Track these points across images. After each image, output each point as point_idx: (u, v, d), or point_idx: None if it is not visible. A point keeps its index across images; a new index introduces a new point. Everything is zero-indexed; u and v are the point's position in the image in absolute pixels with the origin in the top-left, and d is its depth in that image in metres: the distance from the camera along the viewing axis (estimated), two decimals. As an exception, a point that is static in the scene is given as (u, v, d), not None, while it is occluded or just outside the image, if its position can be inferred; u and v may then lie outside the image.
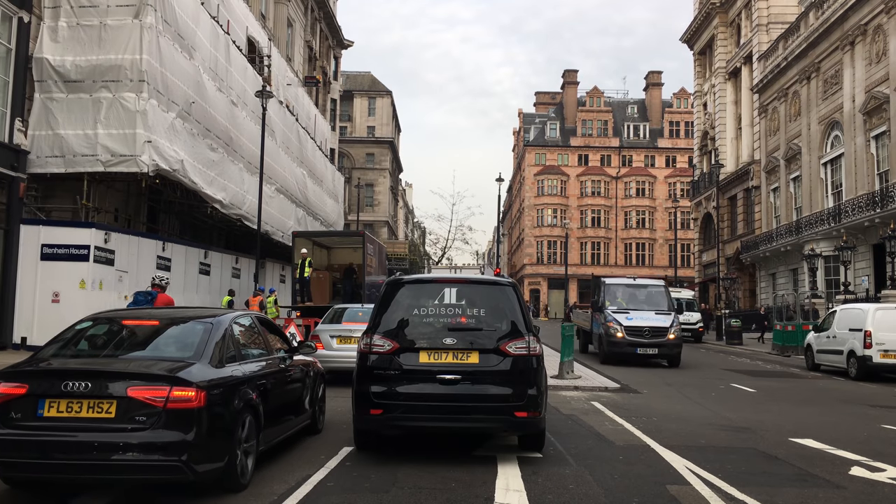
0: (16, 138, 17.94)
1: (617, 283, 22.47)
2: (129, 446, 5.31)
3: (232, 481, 6.00)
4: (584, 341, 24.27)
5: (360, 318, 13.93)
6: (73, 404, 5.41)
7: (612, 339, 19.94)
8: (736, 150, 48.42)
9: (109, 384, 5.48)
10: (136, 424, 5.38)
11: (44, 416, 5.40)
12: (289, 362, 7.83)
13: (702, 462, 7.64)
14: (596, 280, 23.72)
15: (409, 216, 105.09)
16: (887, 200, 27.68)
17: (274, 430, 7.11)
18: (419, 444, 8.06)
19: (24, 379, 5.56)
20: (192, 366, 5.84)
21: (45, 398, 5.44)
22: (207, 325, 6.53)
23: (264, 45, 30.43)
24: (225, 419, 5.89)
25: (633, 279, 23.11)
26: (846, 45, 32.25)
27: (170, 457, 5.37)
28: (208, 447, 5.63)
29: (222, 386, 5.97)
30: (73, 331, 6.67)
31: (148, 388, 5.47)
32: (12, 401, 5.43)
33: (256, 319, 7.83)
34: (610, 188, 76.14)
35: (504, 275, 37.30)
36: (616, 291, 21.40)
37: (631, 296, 21.26)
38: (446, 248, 77.83)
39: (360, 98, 72.03)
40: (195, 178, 21.36)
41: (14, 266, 17.72)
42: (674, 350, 19.87)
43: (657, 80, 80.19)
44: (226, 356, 6.36)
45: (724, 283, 42.27)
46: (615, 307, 20.66)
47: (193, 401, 5.51)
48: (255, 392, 6.54)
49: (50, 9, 18.85)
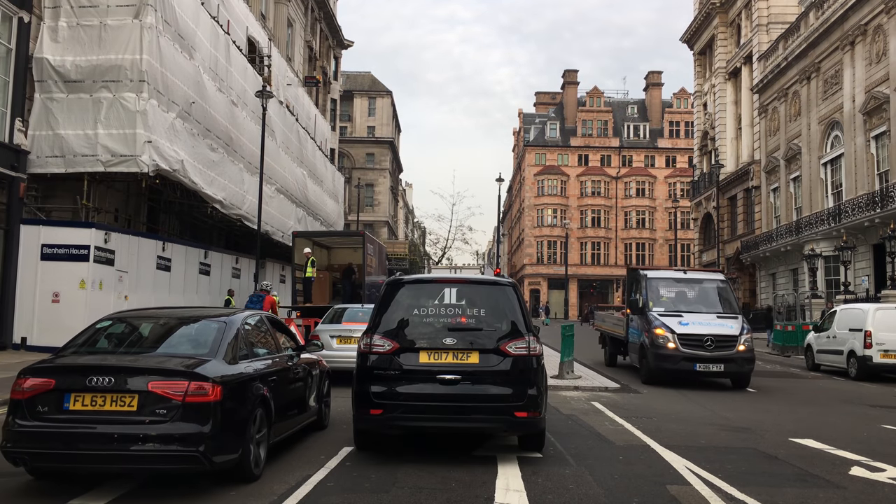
0: (16, 138, 17.94)
1: (662, 276, 17.50)
2: (149, 437, 5.62)
3: (245, 472, 6.30)
4: (612, 351, 19.68)
5: (360, 318, 13.94)
6: (97, 398, 5.74)
7: (660, 350, 14.98)
8: (736, 150, 48.41)
9: (131, 379, 5.80)
10: (157, 417, 5.70)
11: (69, 409, 5.73)
12: (296, 360, 8.10)
13: (702, 462, 7.64)
14: (633, 274, 17.91)
15: (409, 216, 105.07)
16: (887, 200, 27.67)
17: (284, 425, 7.40)
18: (419, 444, 8.06)
19: (51, 374, 5.88)
20: (208, 362, 6.14)
21: (70, 392, 5.76)
22: (221, 324, 6.85)
23: (264, 45, 30.42)
24: (239, 413, 6.21)
25: (684, 272, 18.09)
26: (846, 45, 32.25)
27: (188, 448, 5.69)
28: (224, 439, 5.94)
29: (236, 381, 6.29)
30: (94, 329, 6.95)
31: (168, 382, 5.78)
32: (40, 395, 5.77)
33: (266, 319, 8.15)
34: (610, 188, 76.15)
35: (504, 275, 37.32)
36: (661, 288, 16.51)
37: (681, 294, 16.54)
38: (446, 248, 77.90)
39: (360, 98, 72.03)
40: (195, 178, 21.36)
41: (14, 266, 17.71)
42: (745, 367, 14.98)
43: (657, 80, 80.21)
44: (238, 353, 6.68)
45: (724, 283, 42.27)
46: (661, 308, 15.81)
47: (210, 395, 5.84)
48: (266, 388, 6.84)
49: (50, 9, 18.84)
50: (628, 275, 18.96)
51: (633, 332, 16.76)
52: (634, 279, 17.38)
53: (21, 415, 5.78)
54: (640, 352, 16.06)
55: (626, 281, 18.92)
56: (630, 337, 17.09)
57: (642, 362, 15.89)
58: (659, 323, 15.24)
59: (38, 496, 5.99)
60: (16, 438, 5.74)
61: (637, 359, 16.47)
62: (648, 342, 15.36)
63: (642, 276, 16.98)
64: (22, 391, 5.83)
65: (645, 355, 15.61)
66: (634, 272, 17.86)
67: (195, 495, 6.00)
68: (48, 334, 17.49)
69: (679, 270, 19.37)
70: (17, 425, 5.75)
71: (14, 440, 5.75)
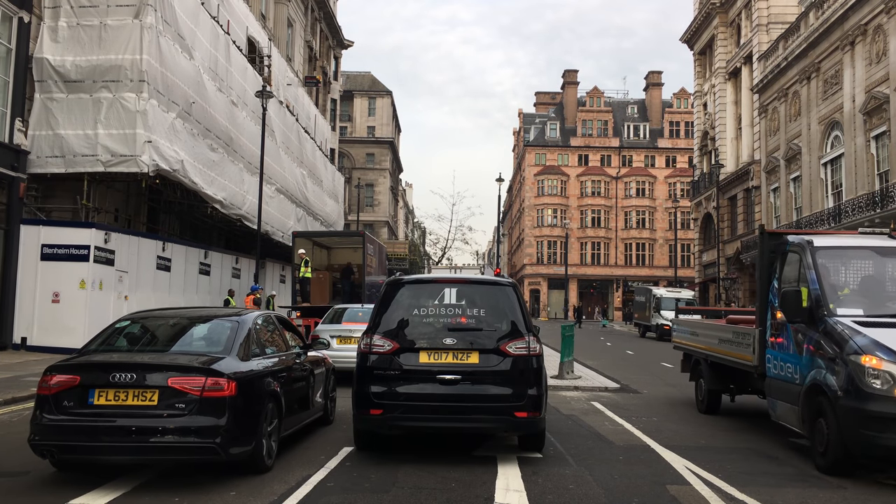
0: (16, 138, 17.94)
1: (846, 245, 8.83)
2: (168, 430, 5.98)
3: (259, 464, 6.63)
4: (713, 387, 11.35)
5: (360, 318, 13.94)
6: (119, 393, 6.08)
7: (872, 404, 6.89)
8: (736, 150, 48.41)
9: (152, 375, 6.15)
10: (176, 411, 6.04)
11: (94, 403, 6.08)
12: (303, 358, 8.42)
13: (702, 462, 7.64)
14: (776, 242, 9.27)
15: (409, 216, 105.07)
16: (887, 200, 27.67)
17: (293, 419, 7.74)
18: (419, 444, 8.06)
19: (76, 371, 6.21)
20: (223, 359, 6.49)
21: (94, 388, 6.10)
22: (234, 324, 7.21)
23: (264, 45, 30.42)
24: (252, 407, 6.55)
25: (890, 234, 9.10)
26: (846, 45, 32.25)
27: (205, 439, 6.03)
28: (238, 432, 6.27)
29: (249, 377, 6.63)
30: (113, 329, 7.31)
31: (186, 378, 6.12)
32: (66, 390, 6.11)
33: (275, 318, 8.49)
34: (610, 188, 76.12)
35: (504, 275, 37.30)
36: (846, 268, 8.52)
37: (888, 279, 8.40)
38: (446, 249, 77.97)
39: (360, 98, 72.03)
40: (195, 178, 21.36)
41: (14, 266, 17.71)
42: None
43: (657, 80, 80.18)
44: (251, 351, 7.02)
45: (725, 283, 42.27)
46: (853, 309, 7.85)
47: (225, 390, 6.17)
48: (277, 383, 7.16)
49: (50, 9, 18.84)
50: (763, 244, 9.39)
51: (785, 360, 8.52)
52: (780, 253, 9.02)
53: (48, 409, 6.10)
54: (807, 402, 7.84)
55: (761, 258, 9.41)
56: (776, 368, 8.78)
57: (819, 425, 7.57)
58: (865, 343, 7.19)
59: (39, 496, 5.99)
60: (43, 432, 6.06)
61: (799, 415, 8.05)
62: (839, 384, 7.24)
63: (804, 245, 8.53)
64: (48, 387, 6.13)
65: (828, 411, 7.38)
66: (778, 239, 9.32)
67: (195, 495, 5.99)
68: (48, 334, 17.51)
69: (876, 234, 9.17)
70: (45, 419, 6.08)
71: (42, 433, 6.07)
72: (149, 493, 6.10)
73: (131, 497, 5.99)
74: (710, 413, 11.41)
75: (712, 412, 11.42)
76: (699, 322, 13.29)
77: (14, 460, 7.16)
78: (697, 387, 12.08)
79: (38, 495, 6.02)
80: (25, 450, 7.59)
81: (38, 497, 5.97)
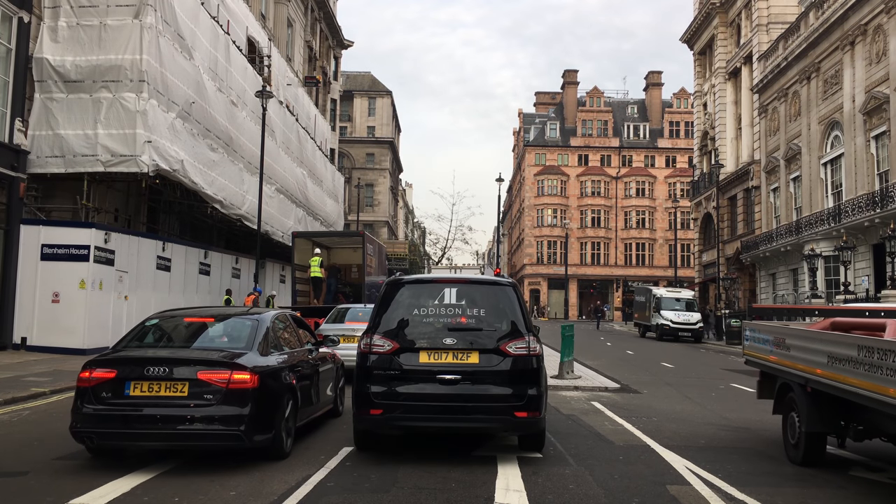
0: (16, 138, 17.93)
1: None
2: (198, 419, 6.56)
3: (278, 450, 7.18)
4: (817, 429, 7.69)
5: (361, 318, 13.99)
6: (153, 385, 6.66)
7: None
8: (736, 150, 48.39)
9: (182, 369, 6.71)
10: (204, 401, 6.62)
11: (130, 395, 6.66)
12: (315, 353, 9.00)
13: (702, 462, 7.64)
14: None
15: (409, 216, 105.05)
16: (887, 200, 27.65)
17: (307, 409, 8.27)
18: (419, 444, 8.06)
19: (113, 365, 6.80)
20: (245, 354, 7.10)
21: (130, 381, 6.69)
22: (254, 322, 7.81)
23: (264, 45, 30.41)
24: (272, 398, 7.10)
25: None
26: (846, 45, 32.24)
27: (231, 427, 6.61)
28: (260, 420, 6.83)
29: (269, 371, 7.19)
30: (142, 326, 7.88)
31: (214, 371, 6.70)
32: (104, 383, 6.70)
33: (290, 317, 9.08)
34: (610, 188, 76.09)
35: (504, 275, 37.27)
36: None
37: None
38: (446, 249, 77.98)
39: (360, 98, 72.00)
40: (195, 178, 21.35)
41: (14, 266, 17.71)
42: None
43: (657, 81, 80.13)
44: (269, 347, 7.58)
45: (724, 283, 42.25)
46: None
47: (249, 382, 6.74)
48: (293, 377, 7.72)
49: (50, 9, 18.83)
50: None
51: None
52: None
53: (88, 400, 6.70)
54: None
55: None
56: None
57: None
58: None
59: (39, 496, 5.99)
60: (84, 420, 6.68)
61: None
62: None
63: None
64: (88, 380, 6.74)
65: None
66: None
67: (195, 495, 5.99)
68: (48, 334, 17.50)
69: None
70: (85, 409, 6.68)
71: (82, 421, 6.68)
72: (149, 492, 6.09)
73: (131, 497, 5.98)
74: (809, 465, 7.69)
75: (811, 464, 7.70)
76: (793, 330, 8.61)
77: (14, 460, 7.16)
78: (787, 425, 8.26)
79: (38, 495, 6.01)
80: (25, 450, 7.62)
81: (38, 497, 5.96)
